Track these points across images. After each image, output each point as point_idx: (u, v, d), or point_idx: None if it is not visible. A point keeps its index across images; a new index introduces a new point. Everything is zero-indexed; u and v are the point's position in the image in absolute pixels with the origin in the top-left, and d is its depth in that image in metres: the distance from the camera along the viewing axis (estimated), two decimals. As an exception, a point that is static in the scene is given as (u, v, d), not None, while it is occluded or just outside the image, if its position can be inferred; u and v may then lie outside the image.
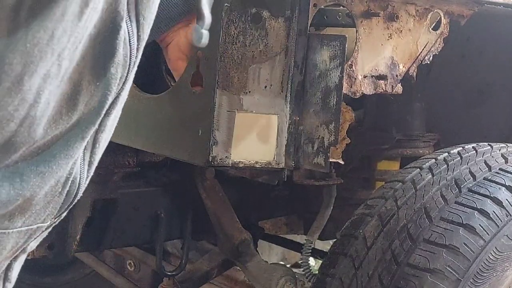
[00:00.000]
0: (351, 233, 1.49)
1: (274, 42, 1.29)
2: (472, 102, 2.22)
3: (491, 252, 1.37)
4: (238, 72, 1.27)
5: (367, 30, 1.42)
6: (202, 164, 1.31)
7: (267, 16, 1.28)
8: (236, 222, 1.97)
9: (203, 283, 2.16)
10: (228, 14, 1.24)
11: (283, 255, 3.55)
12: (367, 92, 1.45)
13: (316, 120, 1.32)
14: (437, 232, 1.38)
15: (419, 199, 1.45)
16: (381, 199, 1.50)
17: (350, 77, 1.41)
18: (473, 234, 1.37)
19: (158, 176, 2.02)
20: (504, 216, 1.41)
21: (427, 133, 2.09)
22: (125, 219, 1.96)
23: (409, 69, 1.51)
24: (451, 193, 1.44)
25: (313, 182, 1.93)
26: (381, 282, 1.37)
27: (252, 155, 1.31)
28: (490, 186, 1.45)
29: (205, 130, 1.27)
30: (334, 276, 1.45)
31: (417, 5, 1.49)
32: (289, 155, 1.33)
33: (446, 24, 1.54)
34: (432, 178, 1.49)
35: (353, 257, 1.44)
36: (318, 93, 1.31)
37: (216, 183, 1.96)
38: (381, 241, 1.42)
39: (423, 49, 1.52)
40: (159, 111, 1.39)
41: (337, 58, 1.29)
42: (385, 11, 1.45)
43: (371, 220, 1.47)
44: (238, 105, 1.28)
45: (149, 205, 1.99)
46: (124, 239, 1.99)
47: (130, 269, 2.46)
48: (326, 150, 1.30)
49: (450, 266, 1.34)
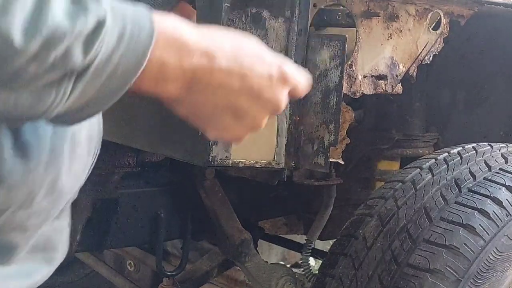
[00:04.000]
0: (351, 233, 1.48)
1: (274, 42, 1.29)
2: (472, 102, 2.22)
3: (491, 252, 1.37)
4: (238, 72, 1.27)
5: (367, 30, 1.42)
6: (202, 164, 1.31)
7: (267, 16, 1.28)
8: (236, 222, 1.97)
9: (203, 283, 2.16)
10: (228, 14, 1.24)
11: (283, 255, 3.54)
12: (367, 92, 1.45)
13: (316, 120, 1.32)
14: (437, 232, 1.38)
15: (419, 199, 1.45)
16: (381, 199, 1.50)
17: (350, 77, 1.41)
18: (473, 234, 1.37)
19: (158, 176, 2.02)
20: (504, 216, 1.41)
21: (427, 133, 2.09)
22: (125, 219, 1.95)
23: (409, 69, 1.51)
24: (451, 193, 1.44)
25: (313, 182, 1.92)
26: (381, 282, 1.37)
27: (252, 155, 1.31)
28: (490, 186, 1.45)
29: (205, 130, 1.27)
30: (334, 276, 1.45)
31: (417, 5, 1.49)
32: (289, 155, 1.33)
33: (446, 24, 1.54)
34: (432, 178, 1.49)
35: (353, 257, 1.44)
36: (318, 93, 1.31)
37: (216, 183, 1.96)
38: (381, 241, 1.42)
39: (423, 49, 1.52)
40: (159, 111, 1.39)
41: (337, 58, 1.29)
42: (385, 11, 1.44)
43: (371, 220, 1.46)
44: (238, 105, 1.28)
45: (149, 205, 1.99)
46: (124, 239, 1.99)
47: (130, 269, 2.46)
48: (326, 150, 1.30)
49: (450, 266, 1.34)
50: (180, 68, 0.73)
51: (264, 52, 0.80)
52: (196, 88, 0.75)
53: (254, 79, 0.77)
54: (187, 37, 0.74)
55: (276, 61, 0.80)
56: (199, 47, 0.74)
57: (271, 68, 0.79)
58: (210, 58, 0.75)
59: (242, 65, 0.77)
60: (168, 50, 0.72)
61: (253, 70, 0.77)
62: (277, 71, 0.79)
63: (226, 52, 0.76)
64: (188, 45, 0.73)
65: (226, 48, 0.76)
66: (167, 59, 0.72)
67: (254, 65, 0.78)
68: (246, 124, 0.81)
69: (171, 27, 0.73)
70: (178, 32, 0.73)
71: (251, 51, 0.79)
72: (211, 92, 0.76)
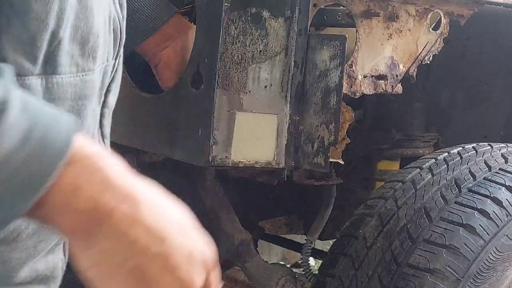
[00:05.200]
0: (351, 233, 1.49)
1: (274, 42, 1.29)
2: (472, 102, 2.22)
3: (491, 252, 1.37)
4: (238, 72, 1.27)
5: (367, 30, 1.42)
6: (202, 164, 1.31)
7: (267, 16, 1.28)
8: (236, 222, 1.97)
9: (203, 283, 2.15)
10: (228, 14, 1.24)
11: (283, 255, 3.54)
12: (367, 92, 1.45)
13: (316, 120, 1.32)
14: (437, 232, 1.38)
15: (419, 199, 1.45)
16: (381, 199, 1.50)
17: (350, 77, 1.41)
18: (473, 234, 1.37)
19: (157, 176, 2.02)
20: (504, 216, 1.41)
21: (427, 133, 2.09)
22: (125, 219, 1.95)
23: (409, 69, 1.51)
24: (451, 193, 1.44)
25: (313, 182, 1.92)
26: (381, 282, 1.37)
27: (252, 155, 1.31)
28: (490, 186, 1.45)
29: (205, 130, 1.27)
30: (334, 276, 1.45)
31: (417, 5, 1.49)
32: (289, 155, 1.33)
33: (446, 24, 1.54)
34: (432, 178, 1.49)
35: (353, 257, 1.44)
36: (318, 93, 1.31)
37: (216, 183, 1.96)
38: (381, 241, 1.42)
39: (423, 49, 1.52)
40: (159, 111, 1.39)
41: (337, 58, 1.29)
42: (385, 11, 1.44)
43: (371, 220, 1.47)
44: (238, 105, 1.28)
45: (149, 205, 1.98)
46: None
47: (130, 269, 2.46)
48: (326, 150, 1.30)
49: (450, 266, 1.34)
50: (94, 200, 0.60)
51: (193, 230, 0.70)
52: (108, 233, 0.62)
53: (174, 249, 0.65)
54: (113, 173, 0.62)
55: (202, 244, 0.70)
56: (124, 189, 0.62)
57: (195, 248, 0.68)
58: (134, 205, 0.63)
59: (166, 230, 0.65)
60: (85, 177, 0.60)
61: (175, 241, 0.65)
62: (199, 254, 0.68)
63: (154, 208, 0.64)
64: (112, 181, 0.62)
65: (154, 203, 0.65)
66: (82, 185, 0.60)
67: (178, 236, 0.66)
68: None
69: (96, 155, 0.62)
70: (103, 163, 0.62)
71: (179, 221, 0.68)
72: (124, 244, 0.62)
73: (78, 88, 0.70)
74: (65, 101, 0.69)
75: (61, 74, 0.68)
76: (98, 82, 0.75)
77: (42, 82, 0.66)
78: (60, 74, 0.68)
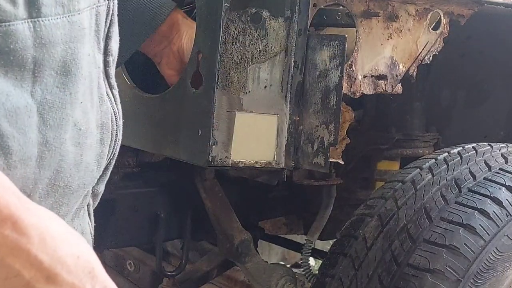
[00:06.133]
0: (351, 233, 1.48)
1: (274, 42, 1.29)
2: (472, 102, 2.22)
3: (492, 252, 1.37)
4: (237, 72, 1.27)
5: (367, 30, 1.42)
6: (202, 164, 1.31)
7: (267, 16, 1.27)
8: (236, 222, 1.97)
9: (203, 283, 2.16)
10: (228, 14, 1.24)
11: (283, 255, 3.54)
12: (367, 92, 1.45)
13: (316, 120, 1.32)
14: (437, 233, 1.38)
15: (419, 199, 1.45)
16: (381, 199, 1.50)
17: (350, 77, 1.41)
18: (473, 234, 1.37)
19: (157, 176, 2.02)
20: (504, 216, 1.41)
21: (427, 133, 2.09)
22: (124, 220, 1.95)
23: (409, 69, 1.51)
24: (451, 193, 1.44)
25: (312, 182, 1.93)
26: (381, 283, 1.37)
27: (252, 155, 1.31)
28: (490, 186, 1.45)
29: (205, 130, 1.27)
30: (334, 277, 1.45)
31: (417, 5, 1.49)
32: (289, 155, 1.33)
33: (446, 24, 1.54)
34: (432, 178, 1.49)
35: (353, 257, 1.44)
36: (318, 93, 1.31)
37: (216, 183, 1.96)
38: (381, 241, 1.42)
39: (423, 49, 1.51)
40: (159, 111, 1.39)
41: (337, 58, 1.29)
42: (385, 11, 1.44)
43: (371, 221, 1.46)
44: (238, 105, 1.28)
45: (148, 205, 1.98)
46: (123, 240, 1.98)
47: (130, 269, 2.46)
48: (325, 150, 1.30)
49: (450, 267, 1.34)
50: None
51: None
52: None
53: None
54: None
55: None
56: (15, 214, 0.57)
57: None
58: (21, 233, 0.57)
59: (57, 266, 0.59)
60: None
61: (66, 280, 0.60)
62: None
63: (50, 240, 0.59)
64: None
65: (51, 235, 0.60)
66: None
67: (68, 276, 0.60)
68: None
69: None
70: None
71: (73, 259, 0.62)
72: (8, 274, 0.56)
73: (67, 30, 0.67)
74: (56, 46, 0.66)
75: (47, 16, 0.65)
76: (88, 23, 0.71)
77: (29, 26, 0.63)
78: (46, 16, 0.65)
